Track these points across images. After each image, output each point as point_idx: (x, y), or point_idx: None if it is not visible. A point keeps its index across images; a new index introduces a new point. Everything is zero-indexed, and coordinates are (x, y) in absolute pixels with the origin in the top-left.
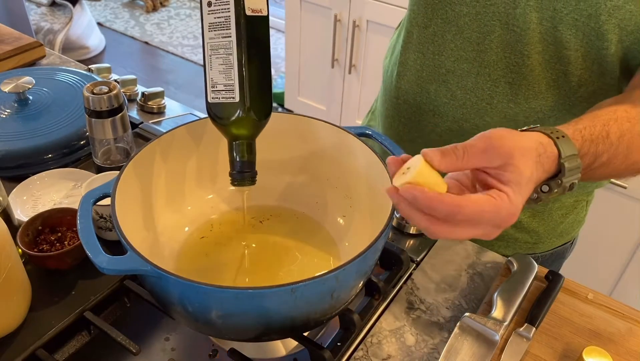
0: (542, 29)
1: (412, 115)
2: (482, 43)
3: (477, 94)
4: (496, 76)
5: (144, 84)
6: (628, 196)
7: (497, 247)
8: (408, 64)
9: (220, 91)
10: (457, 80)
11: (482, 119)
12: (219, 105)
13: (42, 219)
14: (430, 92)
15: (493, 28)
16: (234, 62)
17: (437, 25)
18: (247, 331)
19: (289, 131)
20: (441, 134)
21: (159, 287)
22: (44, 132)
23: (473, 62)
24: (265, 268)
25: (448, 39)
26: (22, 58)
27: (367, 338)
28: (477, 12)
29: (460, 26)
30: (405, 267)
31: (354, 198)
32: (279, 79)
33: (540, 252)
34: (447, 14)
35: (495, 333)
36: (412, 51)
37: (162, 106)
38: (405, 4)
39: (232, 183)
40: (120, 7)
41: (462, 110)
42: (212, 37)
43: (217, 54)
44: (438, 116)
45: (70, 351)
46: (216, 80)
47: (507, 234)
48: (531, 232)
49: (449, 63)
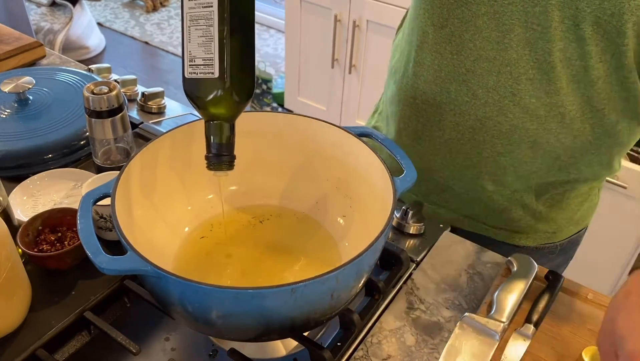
0: (564, 27)
1: (432, 115)
2: (501, 42)
3: (499, 92)
4: (517, 73)
5: (144, 84)
6: (628, 196)
7: (518, 239)
8: (425, 64)
9: (199, 66)
10: (477, 79)
11: (504, 116)
12: (197, 81)
13: (42, 219)
14: (451, 91)
15: (512, 27)
16: (214, 34)
17: (454, 25)
18: (247, 331)
19: (289, 131)
20: (463, 132)
21: (159, 287)
22: (44, 132)
23: (493, 61)
24: (265, 268)
25: (466, 38)
26: (22, 58)
27: (367, 338)
28: (496, 11)
29: (478, 26)
30: (405, 267)
31: (354, 198)
32: (279, 79)
33: (558, 240)
34: (464, 14)
35: (495, 333)
36: (428, 51)
37: (162, 106)
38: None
39: (208, 167)
40: (120, 7)
41: (484, 108)
42: (191, 7)
43: (196, 25)
44: (459, 115)
45: (70, 351)
46: (195, 53)
47: (528, 225)
48: (550, 221)
49: (468, 63)
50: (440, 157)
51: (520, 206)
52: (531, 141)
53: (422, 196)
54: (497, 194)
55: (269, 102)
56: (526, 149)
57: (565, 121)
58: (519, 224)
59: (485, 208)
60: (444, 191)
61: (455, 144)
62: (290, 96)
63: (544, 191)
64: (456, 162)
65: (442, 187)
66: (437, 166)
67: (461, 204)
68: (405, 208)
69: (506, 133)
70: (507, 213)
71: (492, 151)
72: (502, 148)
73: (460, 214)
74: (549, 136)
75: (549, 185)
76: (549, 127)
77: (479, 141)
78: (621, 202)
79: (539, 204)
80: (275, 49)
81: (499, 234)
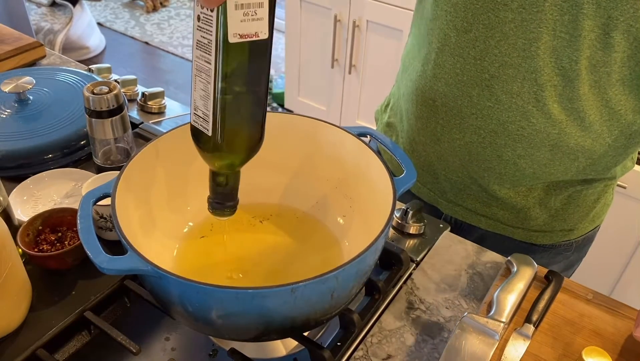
0: (593, 35)
1: (452, 118)
2: (528, 50)
3: (523, 98)
4: (542, 80)
5: (144, 84)
6: (628, 196)
7: (535, 237)
8: (445, 67)
9: (199, 117)
10: (501, 85)
11: (527, 120)
12: (197, 130)
13: (42, 219)
14: (473, 96)
15: (540, 35)
16: (210, 93)
17: (479, 30)
18: (247, 331)
19: (289, 131)
20: (484, 135)
21: (159, 287)
22: (44, 132)
23: (519, 68)
24: (265, 268)
25: (491, 44)
26: (22, 58)
27: (367, 338)
28: (523, 18)
29: (504, 32)
30: (405, 267)
31: (354, 198)
32: (279, 79)
33: (574, 238)
34: (490, 20)
35: (495, 332)
36: (449, 54)
37: (162, 106)
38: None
39: (210, 210)
40: (120, 7)
41: (507, 113)
42: (197, 57)
43: (200, 76)
44: (481, 118)
45: (71, 351)
46: (197, 103)
47: (545, 224)
48: (567, 219)
49: (492, 69)
50: (458, 159)
51: (537, 205)
52: (551, 144)
53: (439, 193)
54: (515, 193)
55: (269, 102)
56: (546, 152)
57: (584, 124)
58: (536, 222)
59: (502, 208)
60: (461, 191)
61: (475, 147)
62: (290, 96)
63: (561, 190)
64: (475, 164)
65: (459, 186)
66: (455, 166)
67: (479, 204)
68: (405, 208)
69: (527, 137)
70: (524, 212)
71: (512, 154)
72: (522, 151)
73: (478, 213)
74: (569, 139)
75: (566, 183)
76: (569, 131)
77: (499, 145)
78: (621, 202)
79: (556, 203)
80: (275, 49)
81: (515, 233)
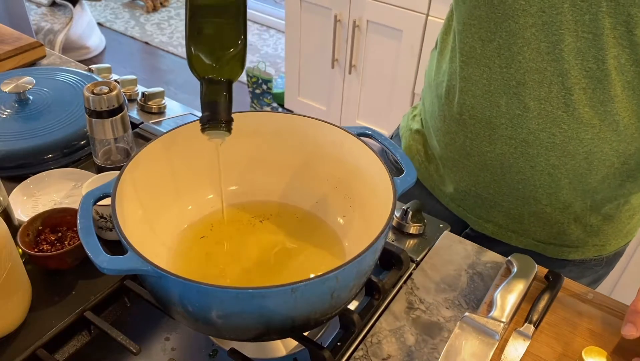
0: (617, 33)
1: (482, 129)
2: (552, 53)
3: (552, 103)
4: (570, 83)
5: (144, 84)
6: None
7: (567, 253)
8: (472, 79)
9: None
10: (529, 91)
11: (558, 127)
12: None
13: (42, 219)
14: (501, 105)
15: (562, 37)
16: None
17: (502, 38)
18: (247, 331)
19: (289, 131)
20: (515, 145)
21: (159, 287)
22: (44, 132)
23: (545, 72)
24: (265, 268)
25: (515, 51)
26: (22, 58)
27: (367, 338)
28: (544, 22)
29: (527, 38)
30: (405, 267)
31: (354, 198)
32: (279, 79)
33: (606, 253)
34: (511, 27)
35: (495, 332)
36: (475, 66)
37: (162, 106)
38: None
39: (203, 130)
40: (120, 8)
41: (537, 120)
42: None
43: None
44: (511, 128)
45: (71, 351)
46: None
47: (578, 239)
48: (600, 235)
49: (518, 75)
50: (490, 173)
51: (573, 220)
52: (586, 151)
53: (468, 209)
54: (550, 208)
55: (269, 102)
56: (581, 160)
57: (619, 128)
58: (570, 238)
59: (535, 223)
60: (491, 207)
61: (507, 158)
62: (290, 96)
63: (598, 206)
64: (508, 177)
65: (490, 203)
66: (486, 181)
67: (509, 220)
68: (405, 208)
69: (560, 145)
70: (558, 227)
71: (546, 164)
72: (556, 160)
73: (509, 230)
74: (604, 145)
75: (604, 199)
76: (604, 135)
77: (532, 155)
78: None
79: (592, 218)
80: (275, 49)
81: (547, 249)
